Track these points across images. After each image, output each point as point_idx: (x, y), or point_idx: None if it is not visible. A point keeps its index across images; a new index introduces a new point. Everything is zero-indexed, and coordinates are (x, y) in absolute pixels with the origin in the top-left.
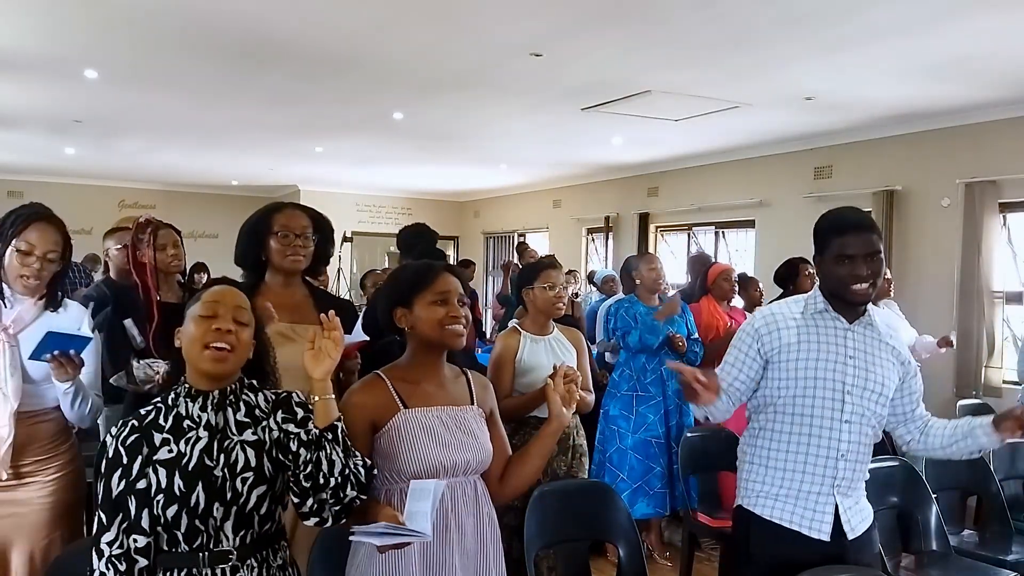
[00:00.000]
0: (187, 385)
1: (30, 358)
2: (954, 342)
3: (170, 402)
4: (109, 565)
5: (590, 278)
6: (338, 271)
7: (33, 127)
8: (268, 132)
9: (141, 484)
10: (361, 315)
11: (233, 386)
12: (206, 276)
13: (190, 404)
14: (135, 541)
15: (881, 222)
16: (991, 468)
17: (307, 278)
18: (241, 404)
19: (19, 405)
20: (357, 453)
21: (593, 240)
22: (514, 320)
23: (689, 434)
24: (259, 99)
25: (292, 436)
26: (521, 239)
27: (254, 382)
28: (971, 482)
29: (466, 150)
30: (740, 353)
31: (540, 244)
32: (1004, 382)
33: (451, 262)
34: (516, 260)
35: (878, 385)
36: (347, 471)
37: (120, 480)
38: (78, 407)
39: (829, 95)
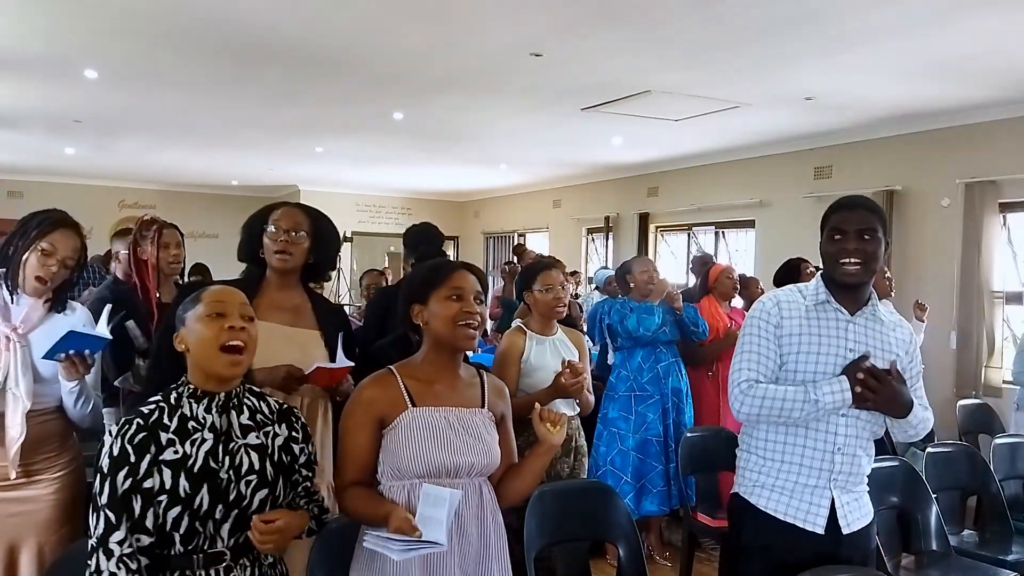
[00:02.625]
0: (191, 386)
1: (45, 357)
2: (927, 307)
3: (173, 401)
4: (120, 565)
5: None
6: (338, 271)
7: (33, 127)
8: (268, 132)
9: (148, 483)
10: (341, 337)
11: (237, 389)
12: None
13: (194, 405)
14: (138, 540)
15: None
16: (991, 468)
17: (309, 285)
18: (244, 407)
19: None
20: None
21: (593, 240)
22: (518, 320)
23: (689, 434)
24: (259, 99)
25: (298, 454)
26: (521, 239)
27: (252, 387)
28: (971, 482)
29: (466, 150)
30: (764, 341)
31: (540, 244)
32: (1004, 382)
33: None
34: (506, 261)
35: None
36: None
37: (127, 478)
38: (81, 406)
39: (829, 95)
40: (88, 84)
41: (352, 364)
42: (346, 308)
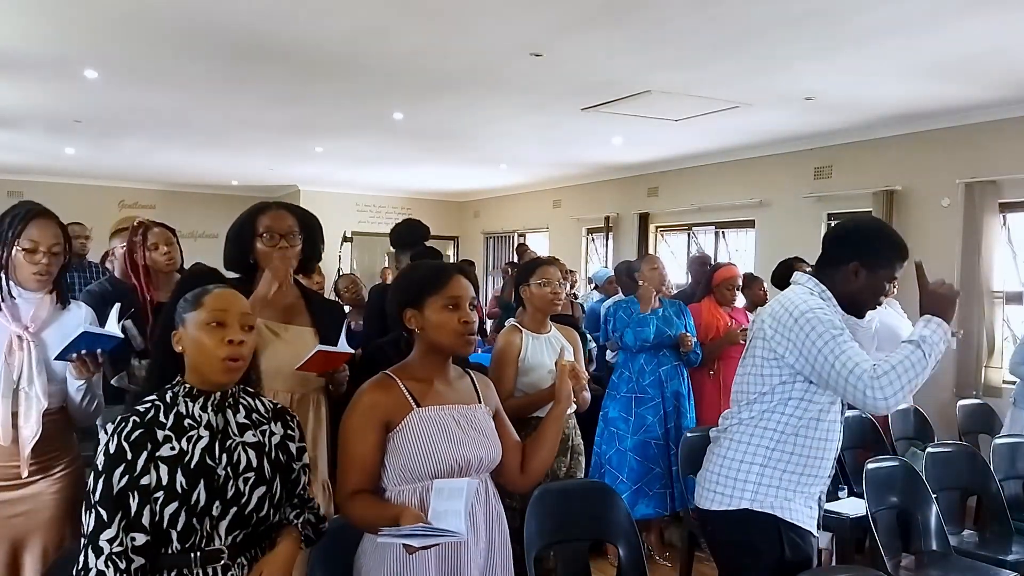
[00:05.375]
0: (187, 385)
1: (58, 357)
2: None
3: (168, 400)
4: (109, 563)
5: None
6: (338, 271)
7: (33, 127)
8: (268, 132)
9: (144, 480)
10: (346, 325)
11: (233, 388)
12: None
13: (190, 404)
14: (133, 540)
15: None
16: (991, 468)
17: (299, 280)
18: (240, 406)
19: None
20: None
21: (593, 240)
22: (511, 320)
23: (689, 434)
24: (259, 99)
25: (296, 453)
26: (521, 239)
27: (246, 387)
28: (971, 482)
29: (466, 150)
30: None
31: (540, 244)
32: (1004, 382)
33: (452, 261)
34: (507, 260)
35: None
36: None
37: (123, 475)
38: (87, 405)
39: (829, 95)
40: (88, 84)
41: (353, 351)
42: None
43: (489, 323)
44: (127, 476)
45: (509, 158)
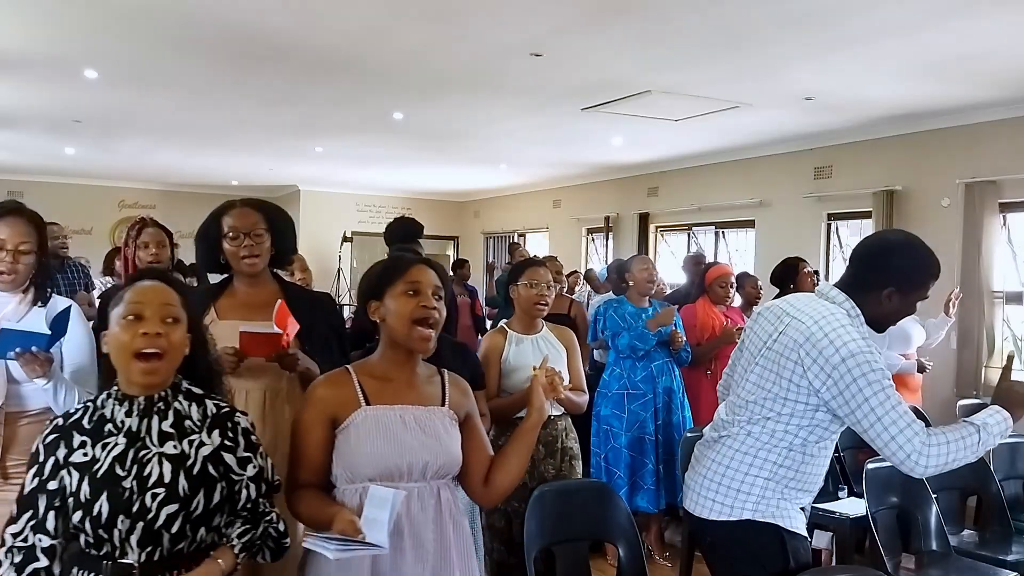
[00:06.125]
0: (117, 388)
1: None
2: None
3: (99, 403)
4: (7, 555)
5: (588, 277)
6: (338, 271)
7: (33, 127)
8: (268, 132)
9: (52, 485)
10: (278, 304)
11: (164, 392)
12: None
13: (116, 408)
14: (40, 540)
15: (881, 222)
16: (991, 468)
17: (278, 272)
18: (170, 413)
19: (5, 405)
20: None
21: (593, 240)
22: (503, 320)
23: (689, 434)
24: (259, 99)
25: (236, 465)
26: (521, 239)
27: (193, 388)
28: (971, 482)
29: (466, 150)
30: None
31: (540, 244)
32: None
33: (451, 261)
34: (507, 260)
35: None
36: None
37: (34, 477)
38: (64, 402)
39: (829, 95)
40: (88, 84)
41: (282, 332)
42: (346, 308)
43: (490, 323)
44: (37, 479)
45: (509, 158)
